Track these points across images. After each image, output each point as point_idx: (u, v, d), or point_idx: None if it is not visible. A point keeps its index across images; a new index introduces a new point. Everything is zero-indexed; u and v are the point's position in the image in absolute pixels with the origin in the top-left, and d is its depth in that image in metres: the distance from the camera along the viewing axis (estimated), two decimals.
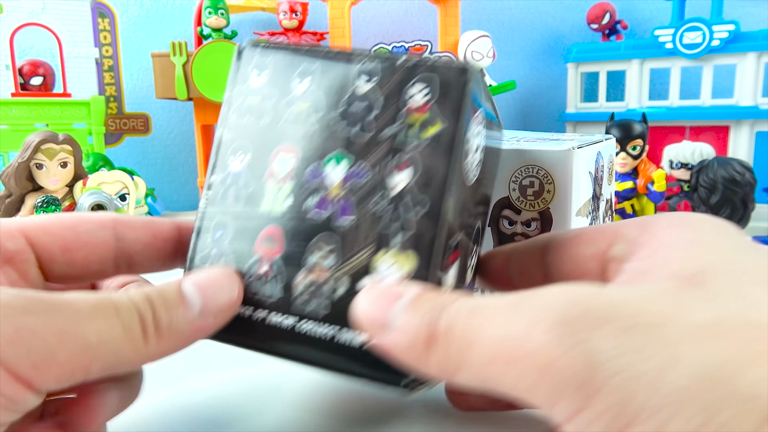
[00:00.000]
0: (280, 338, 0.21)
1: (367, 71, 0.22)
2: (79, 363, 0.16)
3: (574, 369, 0.13)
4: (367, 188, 0.21)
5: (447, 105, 0.22)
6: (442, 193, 0.21)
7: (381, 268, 0.21)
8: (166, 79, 0.75)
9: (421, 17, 0.90)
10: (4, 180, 0.57)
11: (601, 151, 0.31)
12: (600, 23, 0.81)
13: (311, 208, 0.22)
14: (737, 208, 0.59)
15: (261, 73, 0.23)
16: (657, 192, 0.63)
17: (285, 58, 0.23)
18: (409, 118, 0.22)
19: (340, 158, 0.22)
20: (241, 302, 0.21)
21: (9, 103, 0.71)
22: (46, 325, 0.16)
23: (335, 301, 0.21)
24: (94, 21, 0.77)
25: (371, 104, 0.22)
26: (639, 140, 0.64)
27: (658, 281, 0.16)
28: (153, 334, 0.18)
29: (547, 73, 0.92)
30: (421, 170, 0.21)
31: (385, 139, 0.22)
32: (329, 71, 0.23)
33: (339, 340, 0.21)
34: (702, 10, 0.74)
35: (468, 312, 0.16)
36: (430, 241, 0.21)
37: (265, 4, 0.81)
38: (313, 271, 0.21)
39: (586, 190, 0.29)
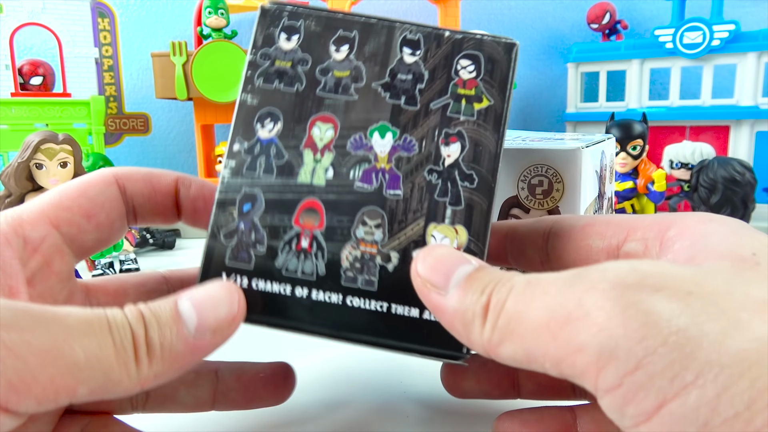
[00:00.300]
0: (325, 316, 0.20)
1: (411, 43, 0.22)
2: (63, 385, 0.15)
3: (629, 328, 0.13)
4: (415, 161, 0.21)
5: (494, 82, 0.21)
6: (491, 169, 0.21)
7: (432, 241, 0.20)
8: (166, 79, 0.75)
9: (421, 17, 0.90)
10: (4, 180, 0.57)
11: (605, 150, 0.31)
12: (600, 23, 0.81)
13: (356, 180, 0.21)
14: (737, 208, 0.59)
15: (291, 36, 0.22)
16: (657, 192, 0.63)
17: (319, 22, 0.22)
18: (456, 92, 0.21)
19: (384, 130, 0.21)
20: (242, 318, 0.19)
21: (9, 103, 0.71)
22: (27, 342, 0.15)
23: (385, 276, 0.20)
24: (94, 21, 0.77)
25: (416, 77, 0.22)
26: (639, 140, 0.64)
27: (711, 263, 0.15)
28: (145, 355, 0.17)
29: (547, 73, 0.92)
30: (469, 145, 0.21)
31: (432, 112, 0.21)
32: (370, 40, 0.22)
33: (392, 315, 0.20)
34: (702, 10, 0.74)
35: (524, 285, 0.15)
36: (481, 216, 0.20)
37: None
38: (360, 245, 0.20)
39: (593, 188, 0.29)
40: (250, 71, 0.22)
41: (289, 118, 0.21)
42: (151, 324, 0.17)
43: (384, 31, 0.22)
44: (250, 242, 0.20)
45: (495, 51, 0.22)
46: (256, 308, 0.20)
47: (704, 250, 0.16)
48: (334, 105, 0.21)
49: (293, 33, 0.22)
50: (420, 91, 0.21)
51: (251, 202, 0.21)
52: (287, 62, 0.22)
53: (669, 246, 0.18)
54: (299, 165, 0.21)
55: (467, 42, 0.22)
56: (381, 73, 0.22)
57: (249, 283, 0.20)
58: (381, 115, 0.21)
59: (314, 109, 0.21)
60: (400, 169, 0.21)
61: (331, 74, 0.22)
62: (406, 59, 0.22)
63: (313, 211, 0.21)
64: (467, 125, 0.21)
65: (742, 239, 0.16)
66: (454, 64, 0.22)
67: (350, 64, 0.22)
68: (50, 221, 0.20)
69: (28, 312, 0.15)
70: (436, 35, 0.22)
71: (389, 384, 0.28)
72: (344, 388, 0.28)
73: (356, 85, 0.21)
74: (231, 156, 0.21)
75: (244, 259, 0.20)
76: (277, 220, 0.21)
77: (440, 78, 0.22)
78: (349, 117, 0.21)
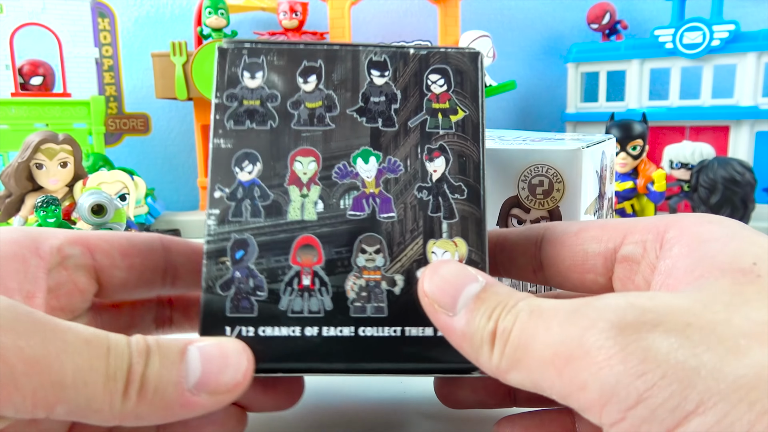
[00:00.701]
0: (339, 351, 0.20)
1: (378, 64, 0.22)
2: (44, 399, 0.15)
3: (628, 365, 0.13)
4: (403, 181, 0.21)
5: (466, 92, 0.22)
6: (478, 178, 0.21)
7: (434, 258, 0.20)
8: (166, 79, 0.75)
9: (421, 17, 0.90)
10: (4, 180, 0.57)
11: (605, 150, 0.31)
12: (600, 23, 0.81)
13: (347, 209, 0.21)
14: (737, 208, 0.59)
15: (255, 74, 0.21)
16: (657, 192, 0.63)
17: (281, 56, 0.22)
18: (430, 107, 0.22)
19: (367, 154, 0.21)
20: (246, 387, 0.18)
21: (9, 103, 0.71)
22: (19, 348, 0.14)
23: (393, 300, 0.20)
24: (94, 21, 0.77)
25: (389, 97, 0.22)
26: (639, 140, 0.64)
27: (712, 280, 0.15)
28: (135, 391, 0.16)
29: (547, 73, 0.92)
30: (453, 158, 0.21)
31: (411, 131, 0.21)
32: (336, 67, 0.22)
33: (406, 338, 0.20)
34: (702, 10, 0.74)
35: (528, 315, 0.16)
36: (476, 225, 0.21)
37: (265, 4, 0.81)
38: (363, 273, 0.20)
39: (593, 188, 0.29)
40: (218, 115, 0.21)
41: (267, 157, 0.21)
42: (152, 361, 0.16)
43: (349, 56, 0.22)
44: (249, 290, 0.20)
45: (461, 62, 0.22)
46: (266, 356, 0.19)
47: (703, 261, 0.16)
48: (312, 137, 0.21)
49: (257, 70, 0.21)
50: (395, 111, 0.21)
51: (243, 249, 0.20)
52: (255, 101, 0.21)
53: (668, 249, 0.18)
54: (287, 203, 0.21)
55: (433, 57, 0.22)
56: (354, 99, 0.21)
57: (255, 331, 0.20)
58: (361, 141, 0.21)
59: (292, 144, 0.21)
60: (390, 191, 0.21)
61: (304, 106, 0.21)
62: (376, 81, 0.22)
63: (309, 247, 0.20)
64: (447, 138, 0.21)
65: (743, 245, 0.16)
66: (424, 80, 0.22)
67: (321, 93, 0.21)
68: (88, 245, 0.21)
69: (30, 318, 0.15)
70: (402, 54, 0.22)
71: (390, 384, 0.29)
72: (345, 388, 0.28)
73: (331, 114, 0.21)
74: (213, 204, 0.21)
75: (246, 308, 0.20)
76: (274, 262, 0.20)
77: (413, 96, 0.22)
78: (329, 147, 0.21)
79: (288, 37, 0.79)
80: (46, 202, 0.47)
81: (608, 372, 0.13)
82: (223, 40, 0.22)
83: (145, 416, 0.16)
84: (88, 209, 0.47)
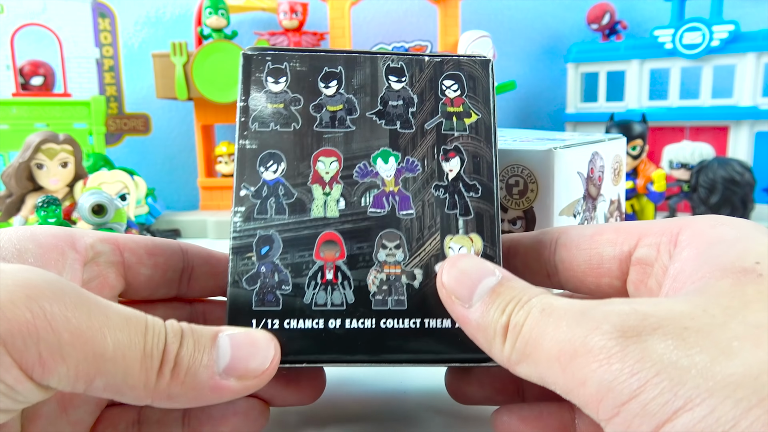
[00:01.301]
0: (361, 343, 0.21)
1: (395, 71, 0.23)
2: (85, 371, 0.15)
3: (625, 364, 0.14)
4: (421, 180, 0.22)
5: (478, 97, 0.23)
6: (491, 177, 0.22)
7: (450, 253, 0.21)
8: (166, 79, 0.75)
9: (421, 17, 0.90)
10: (5, 180, 0.57)
11: (599, 151, 0.31)
12: (600, 23, 0.81)
13: (368, 206, 0.22)
14: (737, 209, 0.59)
15: (279, 79, 0.23)
16: (657, 192, 0.63)
17: (303, 62, 0.23)
18: (445, 111, 0.23)
19: (387, 155, 0.22)
20: (272, 373, 0.19)
21: (9, 103, 0.71)
22: (67, 319, 0.15)
23: (413, 293, 0.21)
24: (94, 21, 0.77)
25: (406, 102, 0.23)
26: (639, 140, 0.64)
27: (713, 281, 0.16)
28: (169, 370, 0.17)
29: (547, 73, 0.92)
30: (467, 158, 0.22)
31: (428, 132, 0.23)
32: (355, 73, 0.23)
33: (426, 329, 0.21)
34: (702, 10, 0.74)
35: (539, 312, 0.16)
36: (490, 222, 0.22)
37: (265, 4, 0.82)
38: (383, 268, 0.21)
39: (574, 189, 0.29)
40: (244, 117, 0.22)
41: (291, 157, 0.22)
42: (187, 343, 0.17)
43: (367, 63, 0.23)
44: (274, 284, 0.21)
45: (473, 69, 0.23)
46: (291, 348, 0.20)
47: (708, 262, 0.16)
48: (333, 138, 0.22)
49: (280, 75, 0.23)
50: (412, 114, 0.23)
51: (269, 245, 0.21)
52: (279, 104, 0.22)
53: (679, 252, 0.18)
54: (310, 200, 0.22)
55: (447, 64, 0.23)
56: (373, 103, 0.23)
57: (281, 324, 0.21)
58: (380, 142, 0.22)
59: (315, 145, 0.22)
60: (408, 189, 0.22)
61: (325, 110, 0.22)
62: (393, 86, 0.23)
63: (332, 242, 0.21)
64: (462, 140, 0.23)
65: (749, 245, 0.16)
66: (439, 85, 0.23)
67: (342, 97, 0.23)
68: (117, 244, 0.22)
69: (75, 292, 0.16)
70: (417, 61, 0.23)
71: (389, 385, 0.29)
72: (344, 389, 0.28)
73: (351, 116, 0.22)
74: (239, 202, 0.22)
75: (272, 302, 0.21)
76: (298, 257, 0.21)
77: (429, 100, 0.23)
78: (350, 148, 0.22)
79: (288, 37, 0.79)
80: (46, 202, 0.47)
81: (606, 369, 0.14)
82: (248, 47, 0.23)
83: (176, 396, 0.17)
84: (89, 209, 0.47)
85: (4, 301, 0.15)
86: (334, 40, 0.78)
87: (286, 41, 0.79)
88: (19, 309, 0.15)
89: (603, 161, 0.31)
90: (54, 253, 0.20)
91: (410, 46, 0.78)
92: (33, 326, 0.15)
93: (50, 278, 0.16)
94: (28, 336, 0.15)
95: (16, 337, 0.14)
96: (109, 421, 0.22)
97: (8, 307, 0.14)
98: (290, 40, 0.79)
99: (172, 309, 0.25)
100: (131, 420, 0.22)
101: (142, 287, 0.23)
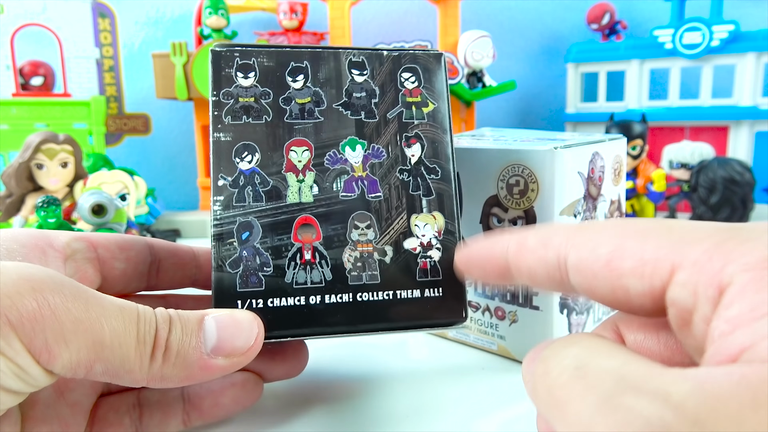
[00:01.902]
0: (340, 316, 0.22)
1: (357, 64, 0.25)
2: (86, 357, 0.17)
3: None
4: (387, 165, 0.24)
5: (434, 88, 0.25)
6: (448, 161, 0.25)
7: (416, 230, 0.23)
8: (166, 79, 0.75)
9: (421, 17, 0.90)
10: (5, 180, 0.57)
11: (599, 151, 0.31)
12: (600, 23, 0.81)
13: (340, 191, 0.23)
14: (737, 208, 0.59)
15: (248, 74, 0.24)
16: (656, 192, 0.63)
17: (270, 57, 0.24)
18: (405, 101, 0.25)
19: (354, 143, 0.24)
20: (257, 350, 0.20)
21: (9, 103, 0.71)
22: (68, 309, 0.16)
23: (384, 268, 0.23)
24: (94, 21, 0.77)
25: (369, 93, 0.25)
26: (639, 140, 0.64)
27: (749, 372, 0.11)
28: (161, 353, 0.18)
29: (547, 73, 0.92)
30: (427, 144, 0.24)
31: (390, 121, 0.24)
32: (321, 67, 0.24)
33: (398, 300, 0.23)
34: (702, 10, 0.74)
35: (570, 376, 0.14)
36: (450, 201, 0.24)
37: (265, 4, 0.82)
38: (357, 246, 0.23)
39: (575, 190, 0.29)
40: (217, 111, 0.23)
41: (265, 148, 0.23)
42: (175, 328, 0.19)
43: (331, 58, 0.25)
44: (256, 266, 0.22)
45: (428, 62, 0.25)
46: (276, 324, 0.22)
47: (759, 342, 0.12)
48: (304, 129, 0.24)
49: (249, 71, 0.24)
50: (375, 104, 0.25)
51: (248, 230, 0.23)
52: (250, 98, 0.24)
53: (725, 308, 0.13)
54: (285, 188, 0.23)
55: (404, 58, 0.25)
56: (338, 95, 0.24)
57: (265, 303, 0.22)
58: (347, 131, 0.24)
59: (287, 136, 0.24)
60: (375, 174, 0.24)
61: (294, 102, 0.24)
62: (356, 79, 0.25)
63: (308, 225, 0.23)
64: (421, 127, 0.25)
65: None
66: (398, 77, 0.25)
67: (309, 90, 0.24)
68: (90, 241, 0.23)
69: (72, 284, 0.17)
70: (377, 55, 0.25)
71: (387, 387, 0.29)
72: (343, 391, 0.28)
73: (319, 108, 0.24)
74: (217, 192, 0.23)
75: (255, 283, 0.22)
76: (277, 240, 0.23)
77: (389, 91, 0.25)
78: (319, 137, 0.24)
79: (288, 37, 0.79)
80: (46, 203, 0.47)
81: None
82: (215, 43, 0.24)
83: (169, 377, 0.18)
84: (89, 209, 0.47)
85: (12, 292, 0.16)
86: (334, 40, 0.78)
87: (286, 41, 0.79)
88: (26, 299, 0.16)
89: (603, 161, 0.31)
90: (36, 252, 0.21)
91: (410, 46, 0.78)
92: (39, 315, 0.16)
93: (50, 273, 0.17)
94: (35, 323, 0.16)
95: (26, 324, 0.16)
96: (110, 405, 0.23)
97: (17, 298, 0.16)
98: (290, 40, 0.79)
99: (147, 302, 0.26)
100: (132, 403, 0.23)
101: (116, 281, 0.24)
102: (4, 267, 0.16)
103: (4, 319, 0.15)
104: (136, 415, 0.23)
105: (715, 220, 0.59)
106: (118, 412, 0.22)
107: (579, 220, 0.29)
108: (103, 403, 0.23)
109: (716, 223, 0.16)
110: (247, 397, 0.24)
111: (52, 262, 0.21)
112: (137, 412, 0.23)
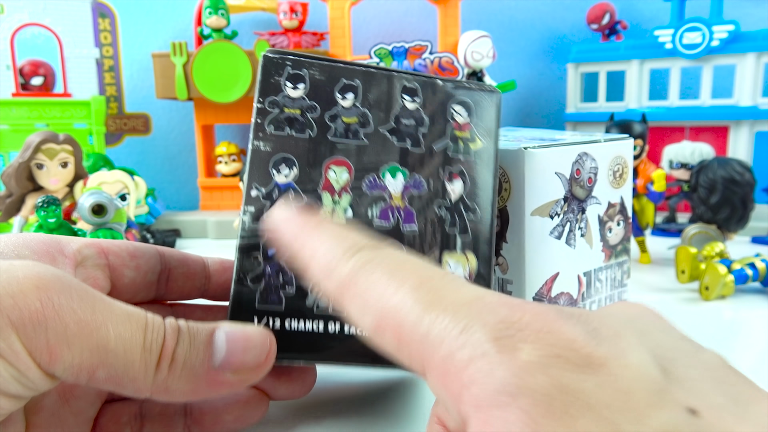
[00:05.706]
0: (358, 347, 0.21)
1: (410, 91, 0.24)
2: (89, 361, 0.16)
3: None
4: (426, 198, 0.23)
5: (484, 125, 0.24)
6: (490, 202, 0.24)
7: (447, 269, 0.22)
8: (166, 79, 0.75)
9: (421, 17, 0.90)
10: (5, 180, 0.57)
11: (589, 152, 0.30)
12: (600, 23, 0.81)
13: (374, 218, 0.23)
14: (737, 208, 0.59)
15: (297, 85, 0.23)
16: (656, 192, 0.63)
17: (322, 71, 0.23)
18: (453, 134, 0.24)
19: (395, 170, 0.23)
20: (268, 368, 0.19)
21: (9, 103, 0.71)
22: (72, 310, 0.16)
23: None
24: (94, 21, 0.77)
25: (418, 121, 0.24)
26: (639, 140, 0.64)
27: None
28: (167, 364, 0.17)
29: (547, 73, 0.92)
30: (469, 182, 0.24)
31: (435, 154, 0.23)
32: (372, 88, 0.23)
33: None
34: (702, 10, 0.74)
35: None
36: (486, 244, 0.23)
37: (265, 4, 0.82)
38: None
39: (551, 190, 0.28)
40: (260, 118, 0.22)
41: (303, 163, 0.22)
42: (183, 340, 0.18)
43: (384, 80, 0.23)
44: (278, 284, 0.21)
45: (482, 98, 0.24)
46: (290, 347, 0.21)
47: None
48: (346, 149, 0.23)
49: (299, 81, 0.23)
50: (423, 134, 0.23)
51: None
52: (296, 109, 0.23)
53: None
54: (319, 207, 0.22)
55: (458, 89, 0.24)
56: (386, 119, 0.23)
57: (282, 323, 0.21)
58: (390, 157, 0.23)
59: (328, 153, 0.23)
60: (413, 206, 0.23)
61: (340, 120, 0.23)
62: (408, 106, 0.24)
63: None
64: (466, 164, 0.24)
65: None
66: (448, 109, 0.24)
67: (357, 110, 0.23)
68: (101, 248, 0.23)
69: (81, 287, 0.17)
70: (431, 84, 0.24)
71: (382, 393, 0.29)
72: (344, 395, 0.28)
73: (365, 130, 0.23)
74: (249, 202, 0.22)
75: (275, 302, 0.21)
76: None
77: (438, 122, 0.24)
78: (361, 160, 0.23)
79: (288, 37, 0.79)
80: (46, 202, 0.47)
81: None
82: (268, 49, 0.23)
83: (174, 390, 0.18)
84: (89, 209, 0.47)
85: (15, 291, 0.15)
86: (334, 40, 0.78)
87: (286, 41, 0.79)
88: (29, 298, 0.15)
89: (595, 162, 0.31)
90: (47, 258, 0.20)
91: (410, 46, 0.78)
92: (42, 315, 0.15)
93: (58, 273, 0.17)
94: (37, 323, 0.15)
95: (27, 324, 0.15)
96: (112, 414, 0.22)
97: (19, 297, 0.15)
98: (290, 40, 0.79)
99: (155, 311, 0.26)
100: (133, 413, 0.22)
101: (125, 289, 0.23)
102: (10, 266, 0.16)
103: (6, 319, 0.15)
104: (137, 427, 0.22)
105: (715, 220, 0.59)
106: (119, 423, 0.22)
107: (557, 221, 0.29)
108: (105, 411, 0.22)
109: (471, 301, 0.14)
110: (251, 414, 0.23)
111: (63, 268, 0.21)
112: (138, 423, 0.22)
